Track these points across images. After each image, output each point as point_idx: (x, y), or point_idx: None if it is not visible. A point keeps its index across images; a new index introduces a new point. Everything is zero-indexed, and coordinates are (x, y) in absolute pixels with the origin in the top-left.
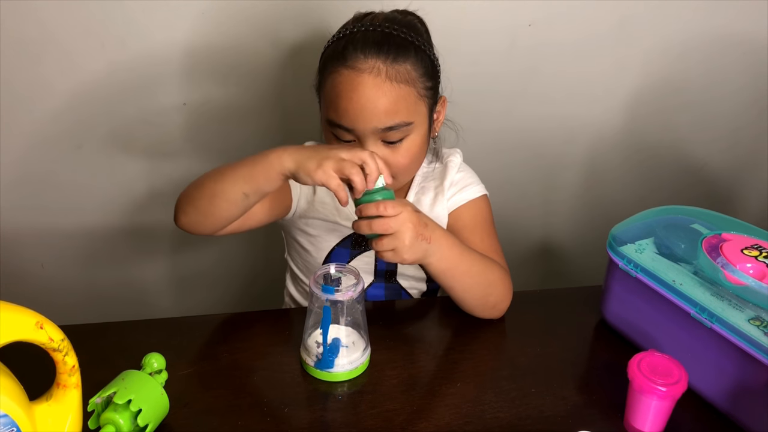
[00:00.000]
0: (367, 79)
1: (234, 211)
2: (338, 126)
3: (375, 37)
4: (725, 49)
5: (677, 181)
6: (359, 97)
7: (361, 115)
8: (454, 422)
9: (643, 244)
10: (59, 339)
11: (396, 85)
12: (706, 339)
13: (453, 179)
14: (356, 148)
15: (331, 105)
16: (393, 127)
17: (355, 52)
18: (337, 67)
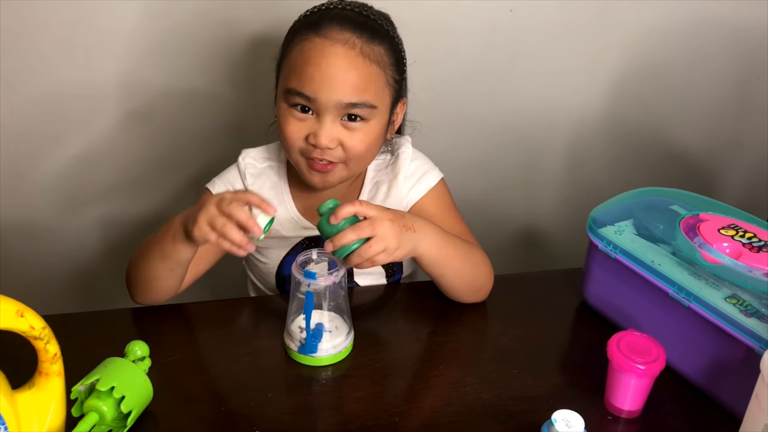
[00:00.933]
0: (340, 49)
1: (172, 282)
2: (299, 94)
3: (353, 16)
4: (706, 32)
5: (659, 165)
6: (329, 65)
7: (327, 85)
8: (436, 404)
9: (623, 226)
10: (40, 327)
11: (369, 63)
12: (683, 318)
13: (407, 172)
14: (224, 198)
15: (295, 72)
16: (357, 104)
17: (332, 23)
18: (308, 35)
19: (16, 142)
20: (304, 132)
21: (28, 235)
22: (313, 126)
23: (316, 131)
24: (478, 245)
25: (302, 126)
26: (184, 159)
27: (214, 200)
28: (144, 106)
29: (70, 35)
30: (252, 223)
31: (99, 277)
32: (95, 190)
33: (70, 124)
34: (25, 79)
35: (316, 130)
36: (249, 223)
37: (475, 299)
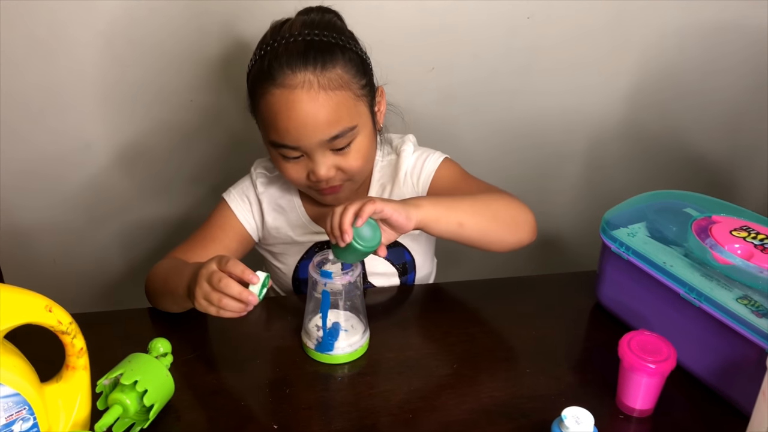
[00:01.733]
0: (301, 95)
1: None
2: (282, 146)
3: (298, 48)
4: (723, 37)
5: (677, 169)
6: (297, 115)
7: (303, 132)
8: (450, 401)
9: (636, 228)
10: (67, 322)
11: (331, 93)
12: (695, 318)
13: (408, 167)
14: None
15: (271, 126)
16: (338, 136)
17: (282, 68)
18: (267, 87)
19: (48, 148)
20: (302, 172)
21: (57, 237)
22: (308, 164)
23: (312, 169)
24: (502, 190)
25: (299, 167)
26: (206, 167)
27: (205, 275)
28: (169, 113)
29: (102, 42)
30: (246, 295)
31: (124, 278)
32: (122, 195)
33: (100, 131)
34: (59, 86)
35: (312, 167)
36: (242, 296)
37: (521, 237)
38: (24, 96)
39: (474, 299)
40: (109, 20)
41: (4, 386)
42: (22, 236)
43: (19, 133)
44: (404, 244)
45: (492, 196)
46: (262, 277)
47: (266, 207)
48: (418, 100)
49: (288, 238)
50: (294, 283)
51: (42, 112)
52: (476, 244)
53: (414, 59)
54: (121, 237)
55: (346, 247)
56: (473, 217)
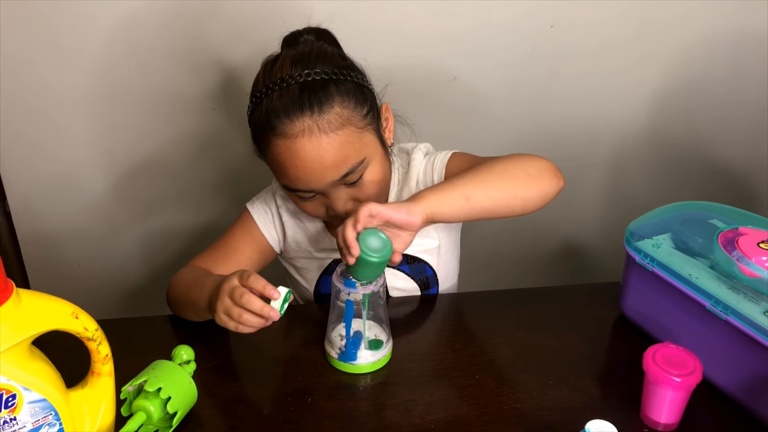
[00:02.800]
0: (303, 143)
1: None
2: (296, 190)
3: (292, 94)
4: (748, 44)
5: (702, 180)
6: (303, 162)
7: (312, 177)
8: (472, 413)
9: (660, 240)
10: (93, 329)
11: (333, 135)
12: (721, 331)
13: (419, 174)
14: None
15: (281, 173)
16: (348, 173)
17: (279, 118)
18: (269, 137)
19: (72, 155)
20: (321, 208)
21: (81, 243)
22: (325, 201)
23: (330, 205)
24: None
25: (316, 204)
26: (229, 175)
27: (227, 290)
28: (191, 121)
29: (125, 49)
30: (267, 311)
31: (146, 284)
32: (145, 201)
33: (123, 138)
34: (82, 93)
35: (329, 204)
36: (264, 312)
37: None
38: (47, 104)
39: (497, 310)
40: (132, 28)
41: (32, 392)
42: (47, 242)
43: (44, 140)
44: (425, 259)
45: (496, 159)
46: (283, 292)
47: (286, 220)
48: (439, 109)
49: (307, 252)
50: (316, 298)
51: (66, 119)
52: (495, 213)
53: (435, 69)
54: (144, 243)
55: (360, 262)
56: (479, 187)
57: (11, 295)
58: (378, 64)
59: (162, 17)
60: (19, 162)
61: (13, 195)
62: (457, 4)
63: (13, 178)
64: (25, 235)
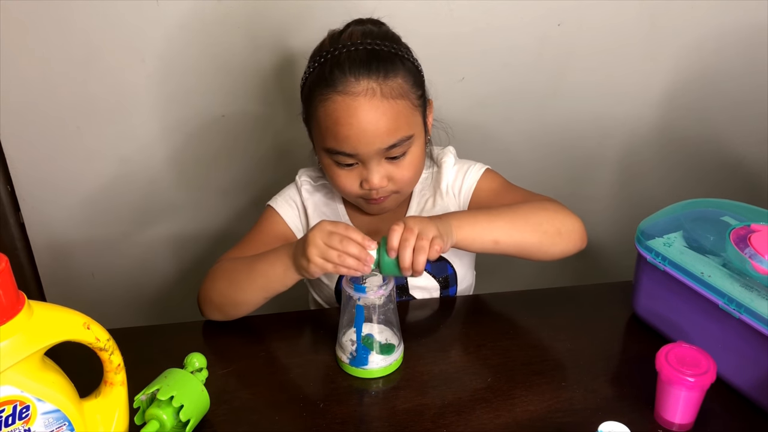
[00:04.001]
0: (363, 102)
1: (257, 306)
2: (339, 153)
3: (361, 56)
4: (759, 38)
5: (714, 176)
6: (359, 122)
7: (363, 139)
8: (484, 416)
9: (672, 238)
10: (105, 339)
11: (392, 102)
12: (735, 330)
13: (449, 180)
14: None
15: (329, 133)
16: (396, 144)
17: (345, 75)
18: (328, 94)
19: (85, 164)
20: (356, 181)
21: (95, 252)
22: (361, 173)
23: (366, 177)
24: (548, 198)
25: (352, 175)
26: (241, 181)
27: (320, 236)
28: (201, 129)
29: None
30: (364, 255)
31: (162, 292)
32: (158, 209)
33: (135, 146)
34: (94, 102)
35: (366, 176)
36: (362, 256)
37: (568, 246)
38: (59, 114)
39: (509, 311)
40: (142, 37)
41: (46, 403)
42: (61, 252)
43: (56, 151)
44: (447, 258)
45: (534, 207)
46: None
47: (311, 213)
48: (447, 110)
49: None
50: (336, 295)
51: (78, 129)
52: (517, 256)
53: (443, 69)
54: (158, 251)
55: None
56: (510, 232)
57: (23, 308)
58: None
59: (170, 25)
60: (32, 173)
61: (27, 206)
62: (463, 4)
63: (26, 190)
64: (39, 245)
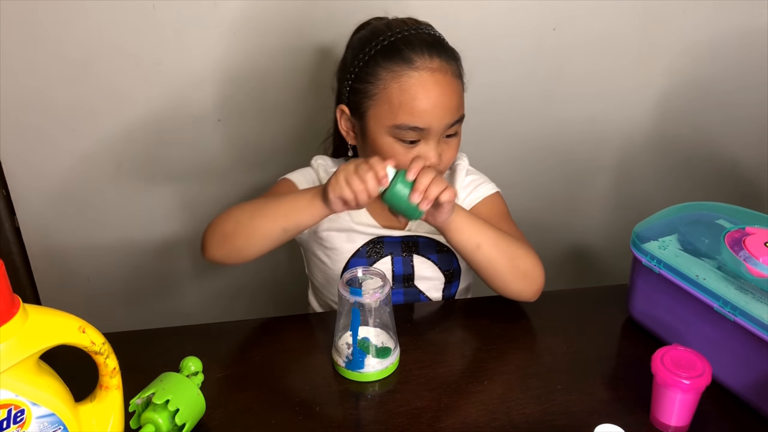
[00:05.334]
0: (440, 77)
1: (269, 245)
2: (413, 128)
3: (428, 38)
4: (753, 43)
5: (709, 180)
6: (436, 95)
7: (438, 112)
8: (480, 419)
9: (667, 241)
10: (100, 342)
11: (458, 81)
12: (730, 332)
13: (463, 183)
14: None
15: (403, 109)
16: (456, 122)
17: (421, 52)
18: (403, 70)
19: (80, 168)
20: (410, 158)
21: (93, 256)
22: (420, 150)
23: (425, 154)
24: (528, 244)
25: (409, 154)
26: (236, 186)
27: (347, 166)
28: (197, 133)
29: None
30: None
31: (158, 296)
32: (153, 213)
33: (130, 150)
34: (89, 107)
35: (425, 153)
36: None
37: (524, 290)
38: (54, 119)
39: (505, 314)
40: (137, 41)
41: (41, 407)
42: (56, 257)
43: (51, 155)
44: (453, 251)
45: (520, 243)
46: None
47: None
48: None
49: (346, 223)
50: None
51: (74, 133)
52: (481, 272)
53: None
54: (153, 256)
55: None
56: (493, 248)
57: (18, 311)
58: None
59: (166, 30)
60: (27, 177)
61: (22, 210)
62: (458, 7)
63: (21, 194)
64: (35, 250)
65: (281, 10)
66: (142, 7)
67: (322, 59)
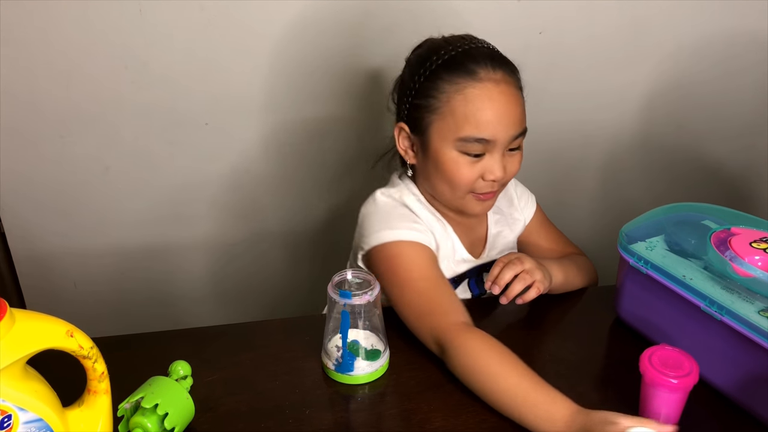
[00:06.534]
0: (504, 89)
1: None
2: (478, 140)
3: (488, 53)
4: (738, 47)
5: (695, 181)
6: (501, 106)
7: (503, 123)
8: (471, 420)
9: (654, 242)
10: (89, 346)
11: (520, 94)
12: (717, 331)
13: (516, 196)
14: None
15: (468, 121)
16: (520, 134)
17: (484, 65)
18: (466, 82)
19: (67, 173)
20: (477, 173)
21: (79, 262)
22: (486, 164)
23: (491, 168)
24: (578, 250)
25: (475, 168)
26: (223, 189)
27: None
28: (185, 136)
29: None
30: None
31: (145, 301)
32: (142, 219)
33: (117, 155)
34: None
35: (491, 166)
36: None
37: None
38: (41, 123)
39: (493, 316)
40: (124, 45)
41: (28, 412)
42: (42, 262)
43: (38, 159)
44: None
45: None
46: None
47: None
48: None
49: (452, 272)
50: None
51: (61, 138)
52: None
53: None
54: (140, 261)
55: None
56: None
57: (5, 315)
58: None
59: (152, 33)
60: (13, 181)
61: (7, 215)
62: (444, 11)
63: (6, 198)
64: (21, 255)
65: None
66: (128, 10)
67: (303, 60)
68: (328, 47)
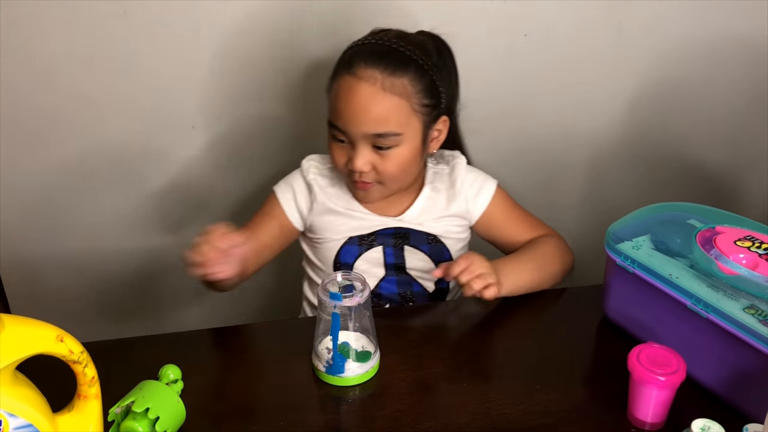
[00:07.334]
0: (362, 86)
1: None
2: (334, 127)
3: (379, 50)
4: (722, 49)
5: (679, 182)
6: (353, 102)
7: (353, 119)
8: (461, 420)
9: (640, 241)
10: (79, 351)
11: (389, 96)
12: (703, 329)
13: (464, 180)
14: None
15: (332, 107)
16: (382, 135)
17: (359, 61)
18: (342, 73)
19: (51, 176)
20: (344, 158)
21: (65, 267)
22: (350, 152)
23: (351, 157)
24: (551, 233)
25: (343, 152)
26: (209, 191)
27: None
28: (171, 139)
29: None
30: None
31: (133, 306)
32: (129, 223)
33: (102, 158)
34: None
35: (352, 156)
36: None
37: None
38: (27, 126)
39: (482, 316)
40: (108, 47)
41: (18, 417)
42: (28, 267)
43: (23, 163)
44: (446, 243)
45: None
46: None
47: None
48: None
49: (341, 210)
50: (335, 265)
51: (46, 143)
52: None
53: None
54: (127, 265)
55: None
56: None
57: None
58: None
59: (138, 35)
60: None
61: None
62: (430, 15)
63: None
64: (6, 261)
65: (254, 15)
66: (113, 12)
67: (300, 65)
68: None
